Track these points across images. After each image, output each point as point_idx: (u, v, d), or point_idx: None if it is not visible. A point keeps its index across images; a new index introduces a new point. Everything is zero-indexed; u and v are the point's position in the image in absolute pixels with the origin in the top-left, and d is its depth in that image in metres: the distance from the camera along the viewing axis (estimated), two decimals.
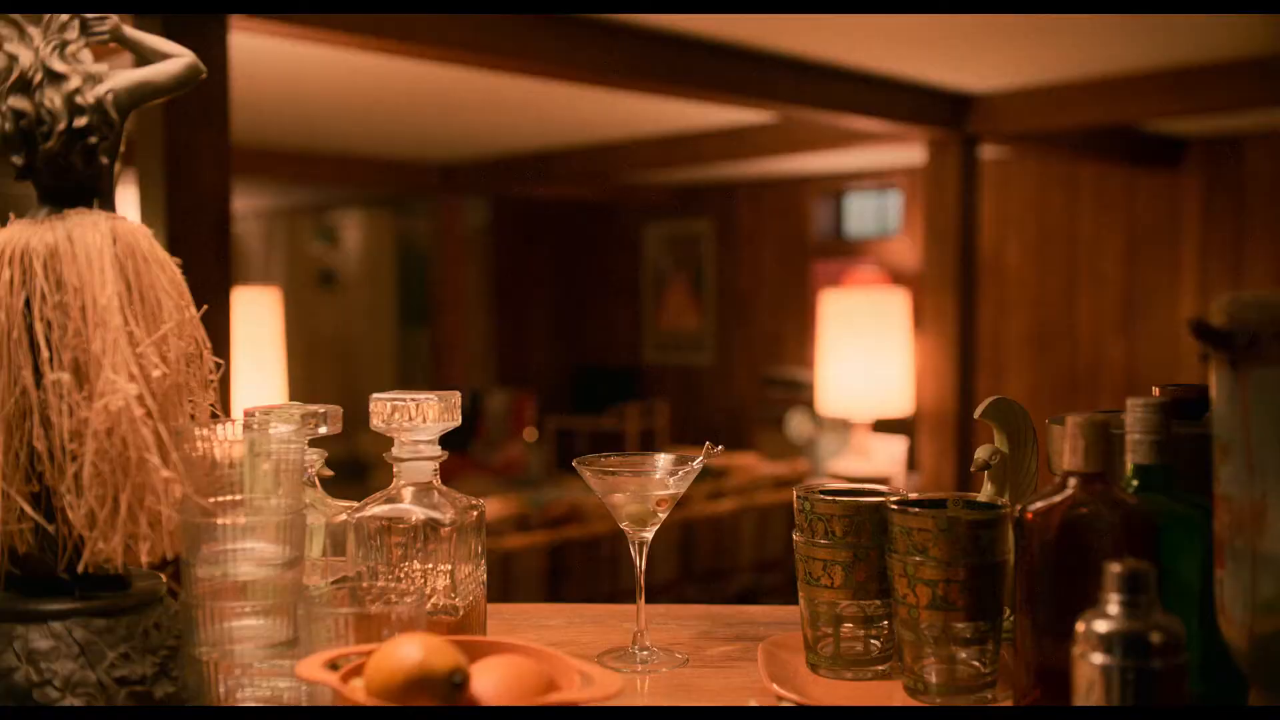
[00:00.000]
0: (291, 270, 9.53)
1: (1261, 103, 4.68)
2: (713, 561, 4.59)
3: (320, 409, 1.16)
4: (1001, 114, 5.12)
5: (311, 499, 1.15)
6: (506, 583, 3.97)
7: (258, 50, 4.07)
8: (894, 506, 1.08)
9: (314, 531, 1.16)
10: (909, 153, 6.31)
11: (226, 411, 1.14)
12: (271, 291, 4.58)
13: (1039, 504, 0.98)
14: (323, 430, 1.15)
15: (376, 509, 1.12)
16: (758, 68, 4.33)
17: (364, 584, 1.08)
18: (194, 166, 3.03)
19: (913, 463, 6.50)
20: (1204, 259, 6.39)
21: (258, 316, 4.22)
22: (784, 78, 4.43)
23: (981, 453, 1.23)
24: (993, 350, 7.00)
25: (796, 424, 6.90)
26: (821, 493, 1.16)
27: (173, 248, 3.13)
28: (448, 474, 1.16)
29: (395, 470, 1.13)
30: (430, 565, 1.12)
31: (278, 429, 1.03)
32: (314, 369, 9.21)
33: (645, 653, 1.23)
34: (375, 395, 1.13)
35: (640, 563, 1.23)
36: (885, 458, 6.26)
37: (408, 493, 1.13)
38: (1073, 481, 0.96)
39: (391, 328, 9.41)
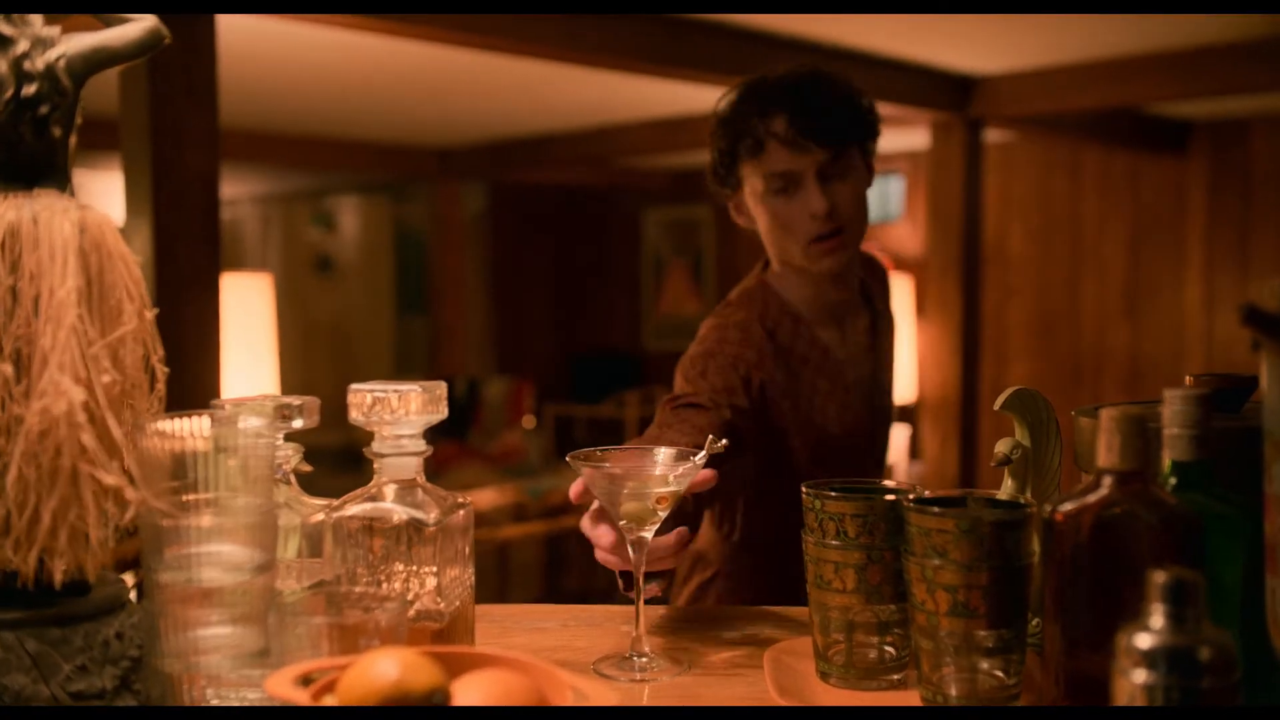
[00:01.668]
0: (288, 256, 9.45)
1: (1267, 85, 4.59)
2: None
3: (296, 401, 1.08)
4: (1005, 97, 5.03)
5: (285, 497, 1.08)
6: (503, 574, 3.90)
7: (252, 31, 3.98)
8: (911, 505, 1.00)
9: (289, 532, 1.08)
10: (911, 137, 6.22)
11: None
12: (263, 278, 4.49)
13: (1071, 504, 0.90)
14: (298, 423, 1.07)
15: (356, 508, 1.05)
16: (758, 49, 4.25)
17: (342, 589, 1.01)
18: (181, 149, 2.95)
19: (915, 451, 6.43)
20: (1209, 244, 6.31)
21: (249, 303, 4.14)
22: (785, 59, 4.34)
23: (1002, 446, 1.16)
24: (995, 337, 6.92)
25: None
26: (833, 490, 1.09)
27: (160, 233, 3.04)
28: (444, 462, 1.09)
29: (376, 467, 1.06)
30: (414, 568, 1.04)
31: (245, 422, 0.95)
32: (311, 356, 9.12)
33: (644, 659, 1.16)
34: (354, 386, 1.05)
35: (639, 561, 1.15)
36: None
37: (390, 491, 1.06)
38: (1107, 480, 0.89)
39: (389, 315, 9.32)
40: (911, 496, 1.03)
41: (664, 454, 1.17)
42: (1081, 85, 4.86)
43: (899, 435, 6.26)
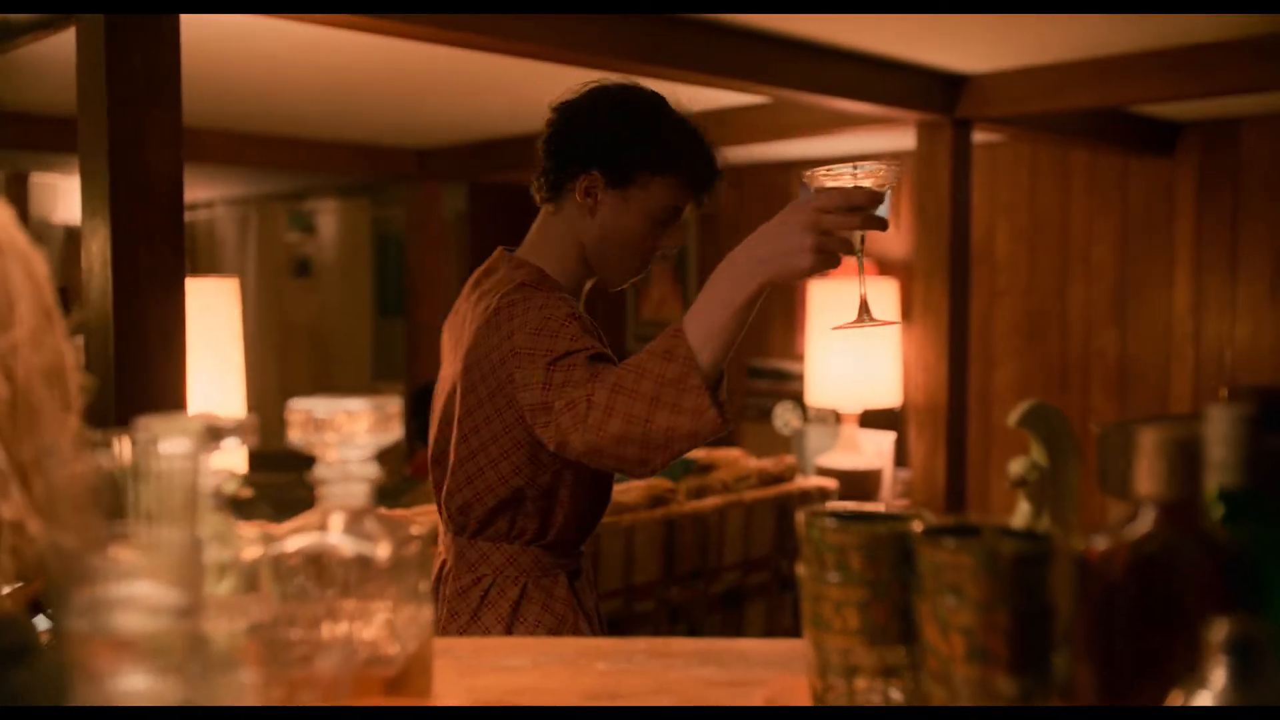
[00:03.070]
0: (266, 259, 9.30)
1: (1258, 85, 4.50)
2: (697, 561, 4.40)
3: (230, 420, 0.96)
4: (993, 96, 4.93)
5: (217, 529, 0.96)
6: None
7: (228, 29, 3.86)
8: (922, 537, 0.89)
9: (221, 568, 0.96)
10: (896, 138, 6.12)
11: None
12: (230, 282, 4.36)
13: (1106, 539, 0.79)
14: (232, 444, 0.96)
15: (297, 541, 0.93)
16: (743, 47, 4.14)
17: (279, 633, 0.89)
18: (142, 148, 2.82)
19: (901, 458, 6.34)
20: (1198, 246, 6.23)
21: (216, 308, 4.00)
22: (772, 58, 4.24)
23: (1017, 466, 1.05)
24: (982, 339, 6.83)
25: (783, 417, 6.72)
26: (833, 518, 0.98)
27: (119, 235, 2.90)
28: (422, 469, 0.97)
29: (319, 494, 0.94)
30: (362, 608, 0.93)
31: (169, 445, 0.83)
32: (289, 360, 8.98)
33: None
34: (294, 402, 0.93)
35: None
36: (874, 451, 6.09)
37: (336, 521, 0.94)
38: (1149, 512, 0.78)
39: (368, 318, 9.19)
40: (921, 526, 0.92)
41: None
42: (1071, 85, 4.77)
43: (885, 440, 6.16)
